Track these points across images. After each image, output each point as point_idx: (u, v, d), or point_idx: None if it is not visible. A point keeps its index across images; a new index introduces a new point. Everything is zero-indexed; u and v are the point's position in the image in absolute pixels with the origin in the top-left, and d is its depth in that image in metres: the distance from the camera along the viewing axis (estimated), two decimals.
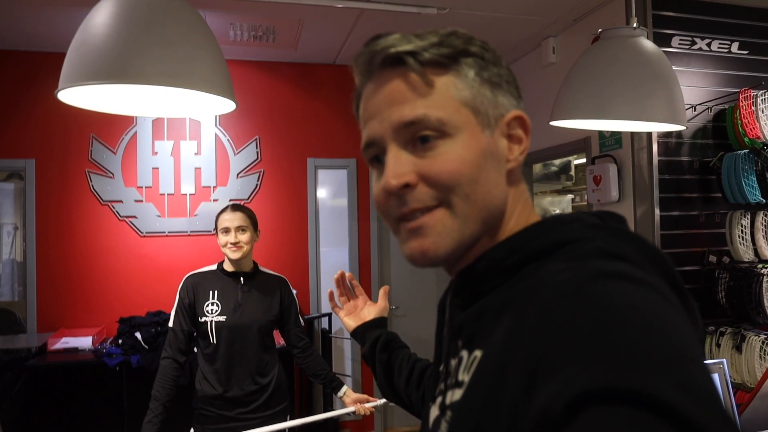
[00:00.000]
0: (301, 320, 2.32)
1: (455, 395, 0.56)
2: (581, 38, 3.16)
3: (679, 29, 2.85)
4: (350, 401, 2.18)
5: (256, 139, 3.88)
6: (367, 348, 1.12)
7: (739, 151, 2.71)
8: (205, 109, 1.50)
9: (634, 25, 1.59)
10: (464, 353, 0.58)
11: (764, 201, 2.70)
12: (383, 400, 2.19)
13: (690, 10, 2.88)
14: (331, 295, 1.26)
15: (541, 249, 0.55)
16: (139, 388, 3.12)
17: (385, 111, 0.58)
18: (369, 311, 1.18)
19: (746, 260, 2.73)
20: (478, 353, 0.54)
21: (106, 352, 3.12)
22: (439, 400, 0.61)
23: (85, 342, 3.21)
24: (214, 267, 2.21)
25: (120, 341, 3.21)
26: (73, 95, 1.34)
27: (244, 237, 2.12)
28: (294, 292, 2.30)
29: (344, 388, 2.21)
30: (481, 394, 0.50)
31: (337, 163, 4.07)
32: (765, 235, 2.76)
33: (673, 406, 0.35)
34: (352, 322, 1.17)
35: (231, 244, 2.09)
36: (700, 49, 2.91)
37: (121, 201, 3.64)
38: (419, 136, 0.57)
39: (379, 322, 1.17)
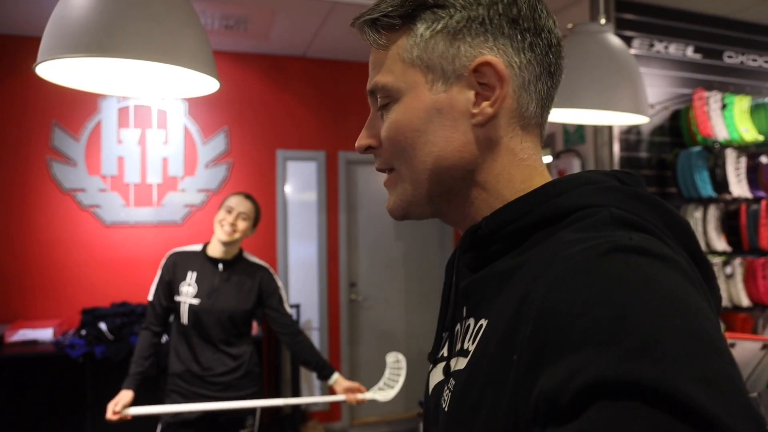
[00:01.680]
0: (288, 308, 2.29)
1: (460, 363, 0.54)
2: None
3: (639, 32, 2.99)
4: (341, 389, 2.15)
5: (225, 130, 3.85)
6: None
7: (693, 148, 2.87)
8: (188, 89, 1.51)
9: (603, 21, 1.68)
10: (471, 321, 0.56)
11: (715, 195, 2.87)
12: (380, 396, 2.13)
13: (650, 14, 3.03)
14: None
15: (551, 215, 0.51)
16: (103, 380, 3.06)
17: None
18: None
19: None
20: (483, 322, 0.52)
21: (69, 343, 3.04)
22: (442, 365, 0.59)
23: (45, 334, 3.12)
24: (198, 247, 2.22)
25: (83, 332, 3.14)
26: (52, 70, 1.33)
27: (242, 225, 2.14)
28: (279, 282, 2.30)
29: (335, 376, 2.18)
30: (485, 367, 0.48)
31: (307, 155, 4.07)
32: (715, 228, 2.92)
33: (693, 405, 0.32)
34: None
35: (228, 223, 2.10)
36: (658, 51, 3.06)
37: (84, 190, 3.54)
38: (381, 103, 0.59)
39: None
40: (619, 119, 1.76)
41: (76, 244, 3.51)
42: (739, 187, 2.92)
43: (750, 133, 2.92)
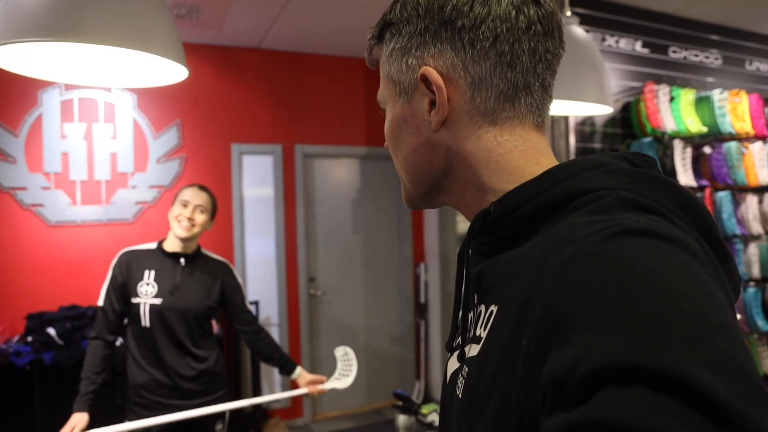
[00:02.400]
0: (248, 305, 2.25)
1: (473, 350, 0.55)
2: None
3: (591, 26, 3.08)
4: (304, 383, 2.15)
5: (177, 123, 3.71)
6: None
7: (644, 139, 2.99)
8: (155, 77, 1.43)
9: (568, 13, 1.71)
10: (482, 307, 0.56)
11: None
12: (339, 384, 2.16)
13: (601, 9, 3.13)
14: None
15: (558, 199, 0.50)
16: (53, 388, 2.90)
17: None
18: None
19: None
20: (494, 308, 0.52)
21: (14, 351, 2.87)
22: (458, 352, 0.59)
23: None
24: (153, 245, 2.09)
25: (29, 339, 2.96)
26: (2, 56, 1.23)
27: (201, 218, 2.04)
28: (239, 278, 2.23)
29: (298, 370, 2.17)
30: (496, 353, 0.48)
31: (263, 148, 3.98)
32: None
33: (701, 389, 0.31)
34: None
35: (186, 218, 2.00)
36: (609, 46, 3.17)
37: (25, 188, 3.33)
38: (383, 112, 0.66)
39: None
40: (585, 109, 1.80)
41: (18, 246, 3.30)
42: (685, 176, 3.06)
43: (695, 125, 3.07)
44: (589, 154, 3.02)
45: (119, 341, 2.76)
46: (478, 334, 0.55)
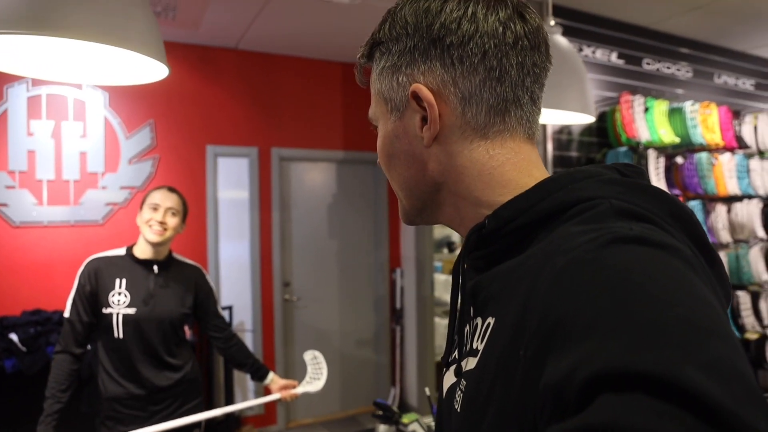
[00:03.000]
0: (221, 310, 2.19)
1: (470, 363, 0.54)
2: None
3: (569, 36, 3.12)
4: (277, 388, 2.11)
5: (150, 123, 3.62)
6: None
7: (620, 148, 3.04)
8: (133, 75, 1.38)
9: (552, 23, 1.73)
10: (478, 320, 0.56)
11: None
12: (310, 388, 2.15)
13: (579, 20, 3.17)
14: None
15: (553, 209, 0.51)
16: (15, 396, 2.78)
17: None
18: None
19: None
20: (491, 320, 0.52)
21: None
22: (454, 367, 0.59)
23: None
24: (122, 252, 2.00)
25: None
26: None
27: (172, 221, 1.96)
28: (211, 282, 2.18)
29: (271, 375, 2.13)
30: (494, 365, 0.48)
31: (238, 151, 3.92)
32: None
33: (697, 392, 0.32)
34: None
35: (157, 222, 1.91)
36: (586, 56, 3.22)
37: None
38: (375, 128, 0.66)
39: None
40: (567, 118, 1.82)
41: None
42: (658, 185, 3.12)
43: (668, 135, 3.13)
44: (566, 162, 3.06)
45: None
46: (475, 347, 0.55)
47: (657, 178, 3.13)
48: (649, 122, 3.10)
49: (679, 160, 3.27)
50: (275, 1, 3.07)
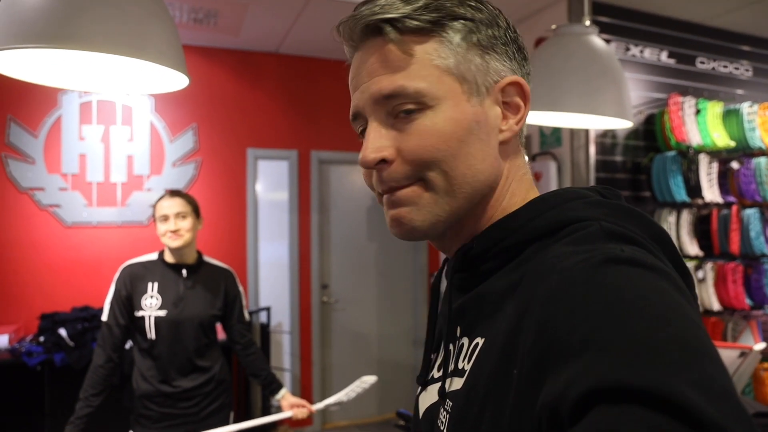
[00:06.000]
0: (246, 315, 2.21)
1: (456, 383, 0.54)
2: (524, 39, 3.25)
3: (615, 35, 2.99)
4: (287, 405, 2.10)
5: (193, 127, 3.72)
6: None
7: (668, 153, 2.88)
8: (155, 84, 1.41)
9: (587, 23, 1.64)
10: (465, 340, 0.55)
11: (689, 200, 2.89)
12: (321, 404, 2.14)
13: (625, 18, 3.03)
14: None
15: (543, 229, 0.52)
16: (62, 389, 2.91)
17: (366, 83, 0.56)
18: None
19: None
20: (479, 340, 0.52)
21: (26, 350, 2.88)
22: (436, 387, 0.58)
23: (0, 341, 2.96)
24: (154, 256, 2.06)
25: (41, 339, 2.98)
26: (2, 61, 1.21)
27: (184, 224, 1.98)
28: (240, 287, 2.20)
29: (283, 391, 2.12)
30: (484, 384, 0.48)
31: (278, 154, 3.97)
32: (688, 232, 2.95)
33: (689, 407, 0.33)
34: None
35: (170, 232, 1.96)
36: (633, 55, 3.07)
37: (43, 189, 3.37)
38: (401, 110, 0.54)
39: None
40: (603, 123, 1.73)
41: (34, 246, 3.34)
42: (711, 192, 2.95)
43: (722, 139, 2.95)
44: (610, 167, 2.93)
45: (128, 344, 2.76)
46: (461, 367, 0.54)
47: (709, 185, 2.96)
48: (700, 125, 2.93)
49: (735, 165, 3.07)
50: (313, 4, 3.08)
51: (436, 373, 0.61)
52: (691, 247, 2.91)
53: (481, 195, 0.56)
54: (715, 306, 2.90)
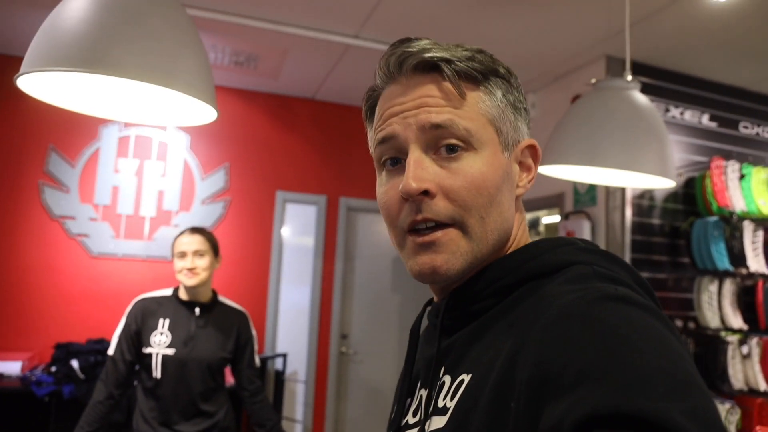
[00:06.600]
0: (257, 361, 2.12)
1: (438, 422, 0.54)
2: (561, 96, 3.22)
3: (654, 95, 2.93)
4: None
5: (225, 167, 3.76)
6: None
7: (709, 218, 2.75)
8: (183, 117, 1.40)
9: (629, 78, 1.59)
10: (446, 378, 0.56)
11: (732, 269, 2.73)
12: None
13: (665, 79, 2.98)
14: None
15: (539, 270, 0.54)
16: (69, 422, 2.83)
17: (411, 111, 0.57)
18: None
19: (712, 327, 2.72)
20: (465, 377, 0.53)
21: (36, 380, 2.84)
22: (416, 430, 0.57)
23: (12, 368, 2.92)
24: (169, 292, 2.02)
25: (53, 369, 2.93)
26: (35, 83, 1.22)
27: (201, 262, 1.94)
28: (253, 330, 2.13)
29: None
30: (475, 419, 0.48)
31: (307, 198, 3.97)
32: (731, 303, 2.77)
33: None
34: None
35: (186, 269, 1.92)
36: (673, 117, 3.00)
37: (73, 218, 3.41)
38: (445, 144, 0.55)
39: None
40: (644, 181, 1.64)
41: (58, 273, 3.35)
42: (756, 261, 2.79)
43: None
44: (647, 229, 2.81)
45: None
46: (441, 405, 0.55)
47: (755, 254, 2.80)
48: (745, 191, 2.80)
49: None
50: (350, 53, 3.13)
51: (411, 419, 0.61)
52: (735, 320, 2.73)
53: (501, 243, 0.59)
54: (762, 385, 2.68)
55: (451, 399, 0.53)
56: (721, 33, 2.59)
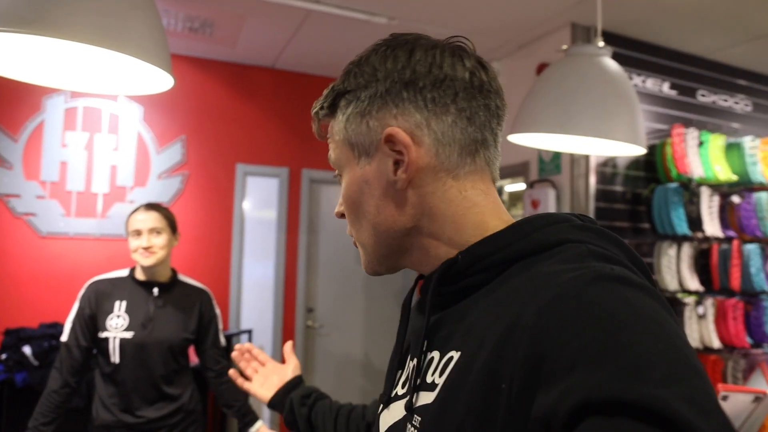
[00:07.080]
0: (222, 340, 2.05)
1: (426, 398, 0.54)
2: (525, 63, 3.20)
3: (618, 63, 2.94)
4: None
5: (182, 139, 3.59)
6: (287, 413, 1.01)
7: (669, 184, 2.81)
8: (135, 85, 1.29)
9: (600, 44, 1.57)
10: (435, 354, 0.56)
11: (690, 233, 2.81)
12: None
13: (629, 47, 2.99)
14: (236, 374, 1.11)
15: (531, 248, 0.53)
16: (23, 411, 2.71)
17: None
18: (280, 375, 1.08)
19: (671, 289, 2.81)
20: (454, 354, 0.53)
21: None
22: (400, 403, 0.59)
23: None
24: (125, 273, 1.91)
25: (4, 356, 2.79)
26: None
27: (158, 241, 1.84)
28: (217, 309, 2.05)
29: (258, 424, 1.94)
30: (464, 397, 0.48)
31: (269, 171, 3.85)
32: (689, 266, 2.86)
33: (681, 421, 0.34)
34: (266, 393, 1.05)
35: (142, 248, 1.81)
36: (636, 85, 3.02)
37: (19, 196, 3.21)
38: (335, 175, 0.66)
39: (295, 383, 1.06)
40: (615, 148, 1.64)
41: (5, 255, 3.16)
42: (711, 225, 2.88)
43: (724, 172, 2.89)
44: (610, 196, 2.85)
45: None
46: (429, 381, 0.55)
47: (710, 218, 2.89)
48: (703, 157, 2.87)
49: (736, 199, 3.01)
50: (311, 21, 3.01)
51: (400, 390, 0.62)
52: (692, 282, 2.82)
53: (396, 239, 0.60)
54: (716, 343, 2.80)
55: (440, 375, 0.53)
56: (684, 1, 2.60)
